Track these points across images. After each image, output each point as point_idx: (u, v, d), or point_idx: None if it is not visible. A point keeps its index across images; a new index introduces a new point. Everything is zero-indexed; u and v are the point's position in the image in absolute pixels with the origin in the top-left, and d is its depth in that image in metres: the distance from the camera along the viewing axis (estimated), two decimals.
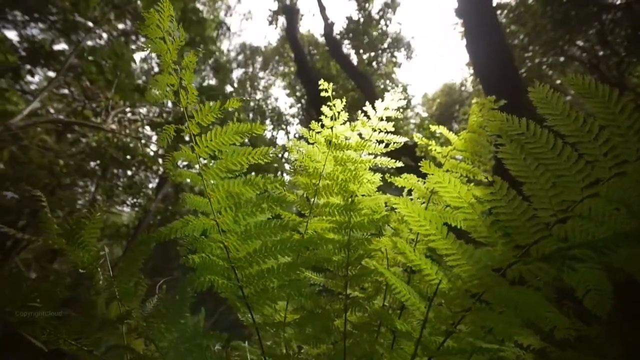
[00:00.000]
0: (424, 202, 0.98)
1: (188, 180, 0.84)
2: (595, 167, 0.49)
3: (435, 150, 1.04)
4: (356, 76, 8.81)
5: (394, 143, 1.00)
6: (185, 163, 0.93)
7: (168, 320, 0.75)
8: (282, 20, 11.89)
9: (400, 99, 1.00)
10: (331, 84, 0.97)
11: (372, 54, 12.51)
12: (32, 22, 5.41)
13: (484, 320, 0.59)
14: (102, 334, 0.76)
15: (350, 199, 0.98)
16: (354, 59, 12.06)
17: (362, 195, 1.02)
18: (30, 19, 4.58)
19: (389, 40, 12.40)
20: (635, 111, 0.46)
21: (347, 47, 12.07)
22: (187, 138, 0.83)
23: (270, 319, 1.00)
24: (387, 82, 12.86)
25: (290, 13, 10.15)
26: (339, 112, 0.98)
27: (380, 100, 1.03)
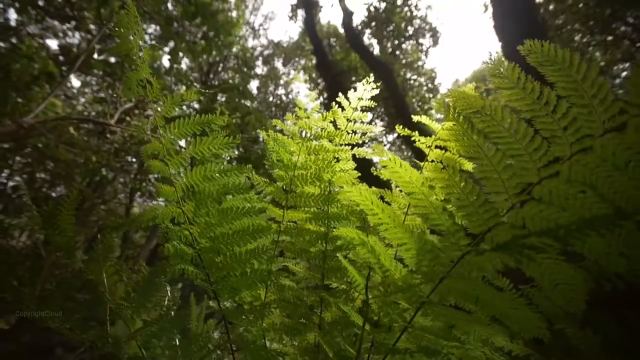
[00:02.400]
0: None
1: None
2: (553, 144, 0.42)
3: (419, 140, 0.97)
4: (376, 67, 8.58)
5: (369, 133, 0.96)
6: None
7: (137, 304, 0.78)
8: (302, 13, 11.82)
9: (374, 89, 0.95)
10: (301, 74, 0.95)
11: (396, 42, 12.07)
12: (70, 30, 5.86)
13: (440, 316, 0.54)
14: (81, 314, 0.80)
15: (327, 190, 0.95)
16: (377, 49, 11.72)
17: (341, 187, 0.98)
18: (61, 25, 4.93)
19: (413, 27, 11.87)
20: (599, 77, 0.39)
21: (368, 37, 11.75)
22: None
23: (254, 306, 1.00)
24: (411, 70, 12.39)
25: (308, 5, 10.06)
26: (311, 104, 0.95)
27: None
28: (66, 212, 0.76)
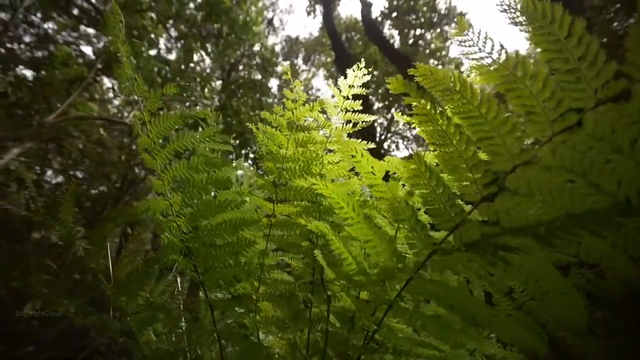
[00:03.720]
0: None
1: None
2: (529, 123, 0.35)
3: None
4: (397, 59, 8.29)
5: (362, 122, 0.90)
6: None
7: (130, 292, 0.80)
8: (320, 9, 11.68)
9: (365, 75, 0.88)
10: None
11: (418, 31, 11.61)
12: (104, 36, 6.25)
13: (410, 318, 0.49)
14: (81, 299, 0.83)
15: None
16: (398, 40, 11.36)
17: (333, 180, 0.94)
18: (96, 32, 5.26)
19: (437, 14, 11.33)
20: (587, 34, 0.31)
21: (389, 28, 11.41)
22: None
23: (246, 298, 0.99)
24: (435, 60, 11.88)
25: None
26: (299, 94, 0.92)
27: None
28: (67, 204, 0.80)
